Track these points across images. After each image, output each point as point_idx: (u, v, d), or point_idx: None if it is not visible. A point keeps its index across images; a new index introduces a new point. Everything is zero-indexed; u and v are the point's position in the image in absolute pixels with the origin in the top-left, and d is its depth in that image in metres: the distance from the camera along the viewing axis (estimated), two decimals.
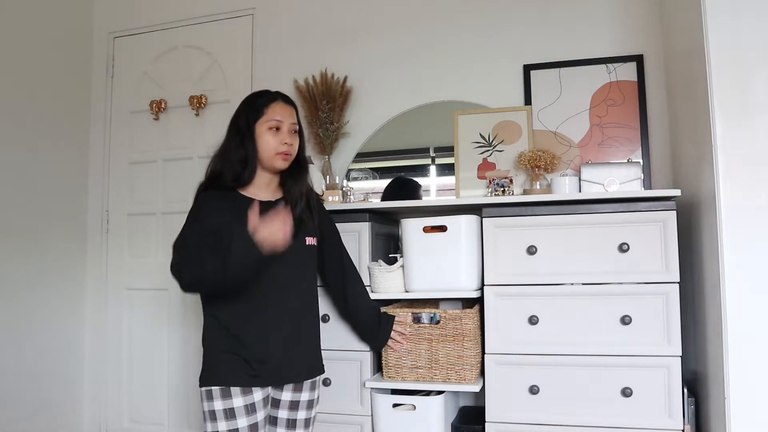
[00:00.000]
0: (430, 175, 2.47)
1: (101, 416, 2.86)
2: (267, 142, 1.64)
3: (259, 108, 1.66)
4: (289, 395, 1.67)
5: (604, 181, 1.94)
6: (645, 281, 1.78)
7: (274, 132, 1.64)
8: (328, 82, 2.54)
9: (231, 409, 1.55)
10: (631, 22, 2.29)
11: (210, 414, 1.56)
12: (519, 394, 1.84)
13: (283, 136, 1.65)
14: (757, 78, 1.58)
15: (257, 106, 1.66)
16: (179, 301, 2.76)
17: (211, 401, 1.56)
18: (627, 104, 2.25)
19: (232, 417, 1.54)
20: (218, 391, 1.56)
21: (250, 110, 1.67)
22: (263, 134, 1.64)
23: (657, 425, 1.72)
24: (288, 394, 1.67)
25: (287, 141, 1.65)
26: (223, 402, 1.55)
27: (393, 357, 1.95)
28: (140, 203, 2.90)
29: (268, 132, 1.64)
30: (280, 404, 1.67)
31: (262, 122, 1.64)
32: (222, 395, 1.56)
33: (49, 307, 2.70)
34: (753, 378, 1.54)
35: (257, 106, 1.66)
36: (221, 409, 1.55)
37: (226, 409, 1.55)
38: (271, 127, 1.64)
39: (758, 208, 1.56)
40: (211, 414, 1.56)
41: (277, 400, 1.67)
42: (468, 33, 2.47)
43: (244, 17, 2.79)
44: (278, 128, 1.65)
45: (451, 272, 1.91)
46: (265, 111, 1.65)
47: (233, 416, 1.55)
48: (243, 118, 1.67)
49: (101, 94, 2.99)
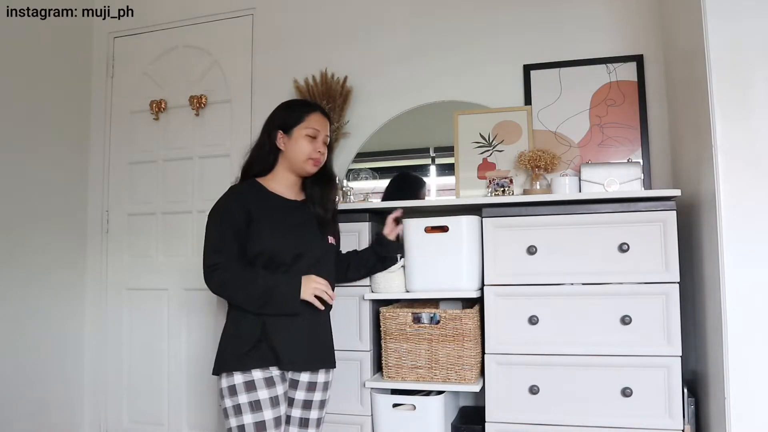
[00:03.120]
0: (430, 175, 2.47)
1: (101, 416, 2.86)
2: (302, 146, 1.75)
3: (301, 115, 1.77)
4: (306, 376, 1.73)
5: (604, 181, 1.94)
6: (645, 281, 1.78)
7: (310, 140, 1.76)
8: (328, 82, 2.54)
9: (257, 401, 1.59)
10: (631, 22, 2.29)
11: (234, 408, 1.59)
12: (519, 394, 1.84)
13: (318, 144, 1.77)
14: (757, 78, 1.58)
15: (299, 113, 1.78)
16: (179, 301, 2.76)
17: (234, 396, 1.60)
18: (627, 104, 2.25)
19: (258, 409, 1.59)
20: (242, 386, 1.60)
21: (290, 114, 1.78)
22: (300, 139, 1.75)
23: (657, 425, 1.73)
24: (306, 376, 1.73)
25: (321, 150, 1.78)
26: (248, 395, 1.59)
27: (393, 357, 1.95)
28: (140, 203, 2.89)
29: (304, 138, 1.75)
30: (298, 385, 1.72)
31: (301, 128, 1.76)
32: (246, 388, 1.59)
33: (49, 307, 2.70)
34: (753, 378, 1.54)
35: (299, 113, 1.78)
36: (246, 402, 1.59)
37: (252, 401, 1.59)
38: (309, 134, 1.75)
39: (758, 208, 1.56)
40: (235, 408, 1.59)
41: (295, 381, 1.72)
42: (468, 33, 2.47)
43: (244, 17, 2.79)
44: (314, 137, 1.76)
45: (452, 272, 1.91)
46: (306, 118, 1.77)
47: (259, 408, 1.59)
48: (280, 119, 1.78)
49: (101, 94, 2.99)
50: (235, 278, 1.63)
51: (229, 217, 1.67)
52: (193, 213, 2.77)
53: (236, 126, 2.72)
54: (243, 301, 1.65)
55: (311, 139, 1.75)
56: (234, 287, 1.64)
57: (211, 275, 1.64)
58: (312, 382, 1.74)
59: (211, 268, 1.64)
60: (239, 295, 1.64)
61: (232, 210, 1.68)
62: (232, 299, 1.68)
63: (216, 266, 1.63)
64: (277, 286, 1.64)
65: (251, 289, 1.62)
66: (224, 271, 1.63)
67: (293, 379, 1.72)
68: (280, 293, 1.64)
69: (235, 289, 1.64)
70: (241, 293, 1.64)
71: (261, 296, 1.62)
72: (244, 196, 1.71)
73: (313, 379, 1.74)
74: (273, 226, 1.69)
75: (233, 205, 1.69)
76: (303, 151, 1.75)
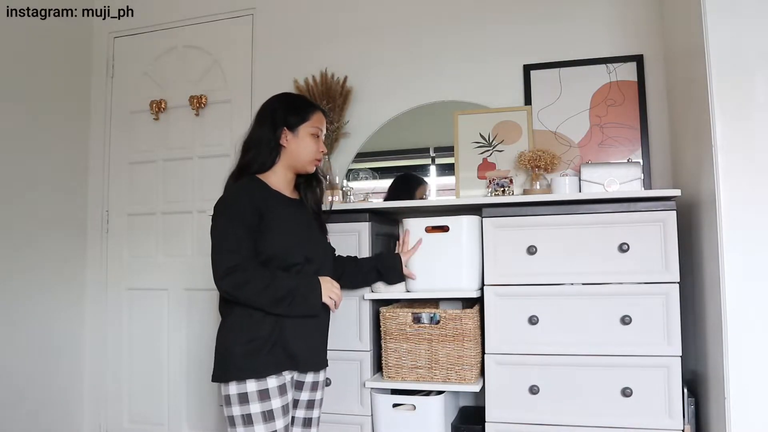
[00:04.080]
0: (430, 175, 2.47)
1: (101, 416, 2.86)
2: (308, 145, 1.72)
3: (306, 113, 1.73)
4: (311, 377, 1.72)
5: (604, 181, 1.94)
6: (645, 281, 1.78)
7: (315, 139, 1.73)
8: (328, 82, 2.54)
9: (270, 411, 1.52)
10: (631, 22, 2.29)
11: (245, 418, 1.51)
12: (519, 394, 1.84)
13: (321, 144, 1.75)
14: (757, 78, 1.58)
15: (304, 111, 1.73)
16: (179, 301, 2.76)
17: (245, 404, 1.52)
18: (627, 104, 2.25)
19: (271, 419, 1.52)
20: (255, 394, 1.52)
21: (293, 111, 1.72)
22: (306, 137, 1.71)
23: (657, 425, 1.72)
24: (311, 376, 1.72)
25: (323, 150, 1.76)
26: (261, 405, 1.52)
27: (393, 357, 1.95)
28: (140, 203, 2.90)
29: (310, 137, 1.72)
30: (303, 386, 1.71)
31: (307, 126, 1.72)
32: (260, 397, 1.52)
33: (49, 306, 2.70)
34: (753, 378, 1.54)
35: (304, 111, 1.73)
36: (258, 412, 1.51)
37: (265, 411, 1.52)
38: (313, 133, 1.72)
39: (758, 208, 1.56)
40: (245, 418, 1.51)
41: (300, 382, 1.71)
42: (468, 33, 2.47)
43: (244, 17, 2.79)
44: (318, 136, 1.74)
45: (452, 272, 1.91)
46: (311, 117, 1.73)
47: (272, 418, 1.52)
48: (285, 116, 1.71)
49: (101, 94, 2.99)
50: (255, 280, 1.54)
51: (241, 216, 1.59)
52: (193, 213, 2.77)
53: (236, 126, 2.72)
54: (264, 304, 1.55)
55: (315, 138, 1.73)
56: (255, 289, 1.54)
57: (229, 278, 1.53)
58: (315, 382, 1.73)
59: (228, 270, 1.53)
60: (261, 297, 1.54)
61: (243, 208, 1.60)
62: (250, 301, 1.56)
63: (234, 268, 1.53)
64: (299, 287, 1.59)
65: (274, 291, 1.55)
66: (243, 272, 1.53)
67: (299, 381, 1.70)
68: (302, 295, 1.59)
69: (257, 292, 1.54)
70: (263, 296, 1.54)
71: (284, 298, 1.56)
72: (254, 194, 1.63)
73: (316, 378, 1.74)
74: (284, 225, 1.64)
75: (244, 203, 1.61)
76: (309, 151, 1.71)
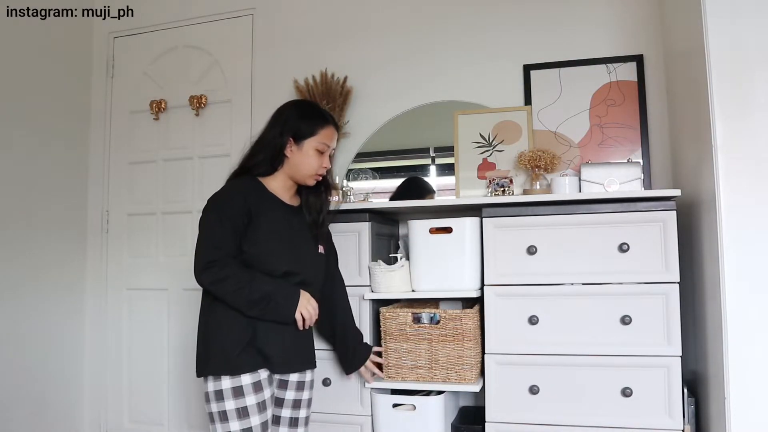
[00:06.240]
0: (430, 175, 2.47)
1: (101, 416, 2.86)
2: (310, 160, 1.71)
3: (314, 128, 1.72)
4: (296, 376, 1.75)
5: (604, 181, 1.94)
6: (645, 281, 1.78)
7: (318, 154, 1.72)
8: (328, 82, 2.54)
9: (244, 408, 1.56)
10: (631, 22, 2.29)
11: (221, 414, 1.57)
12: (519, 394, 1.84)
13: (325, 160, 1.74)
14: (757, 78, 1.58)
15: (313, 125, 1.72)
16: (179, 301, 2.76)
17: (221, 401, 1.57)
18: (627, 104, 2.25)
19: (245, 416, 1.56)
20: (230, 391, 1.57)
21: (303, 123, 1.71)
22: (309, 151, 1.71)
23: (657, 425, 1.73)
24: (295, 376, 1.74)
25: (326, 165, 1.75)
26: (236, 401, 1.56)
27: (393, 357, 1.95)
28: (140, 203, 2.90)
29: (314, 152, 1.71)
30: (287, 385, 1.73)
31: (312, 141, 1.71)
32: (234, 394, 1.56)
33: (49, 307, 2.70)
34: (753, 378, 1.54)
35: (313, 125, 1.72)
36: (233, 408, 1.56)
37: (239, 408, 1.56)
38: (318, 149, 1.72)
39: (758, 208, 1.56)
40: (221, 414, 1.56)
41: (284, 381, 1.73)
42: (468, 33, 2.47)
43: (244, 17, 2.79)
44: (323, 152, 1.73)
45: (455, 273, 1.91)
46: (319, 132, 1.72)
47: (246, 415, 1.56)
48: (294, 126, 1.71)
49: (101, 94, 2.99)
50: (233, 278, 1.56)
51: (230, 213, 1.60)
52: (193, 213, 2.77)
53: (236, 126, 2.72)
54: (238, 302, 1.58)
55: (319, 153, 1.72)
56: (231, 288, 1.56)
57: (207, 271, 1.56)
58: (301, 382, 1.75)
59: (207, 264, 1.56)
60: (236, 296, 1.57)
61: (233, 206, 1.61)
62: (225, 298, 1.59)
63: (213, 263, 1.56)
64: (276, 294, 1.60)
65: (249, 292, 1.57)
66: (221, 268, 1.56)
67: (282, 380, 1.72)
68: (277, 303, 1.60)
69: (233, 290, 1.57)
70: (238, 294, 1.57)
71: (259, 301, 1.58)
72: (246, 194, 1.65)
73: (302, 378, 1.76)
74: (270, 229, 1.65)
75: (235, 201, 1.62)
76: (310, 166, 1.71)
